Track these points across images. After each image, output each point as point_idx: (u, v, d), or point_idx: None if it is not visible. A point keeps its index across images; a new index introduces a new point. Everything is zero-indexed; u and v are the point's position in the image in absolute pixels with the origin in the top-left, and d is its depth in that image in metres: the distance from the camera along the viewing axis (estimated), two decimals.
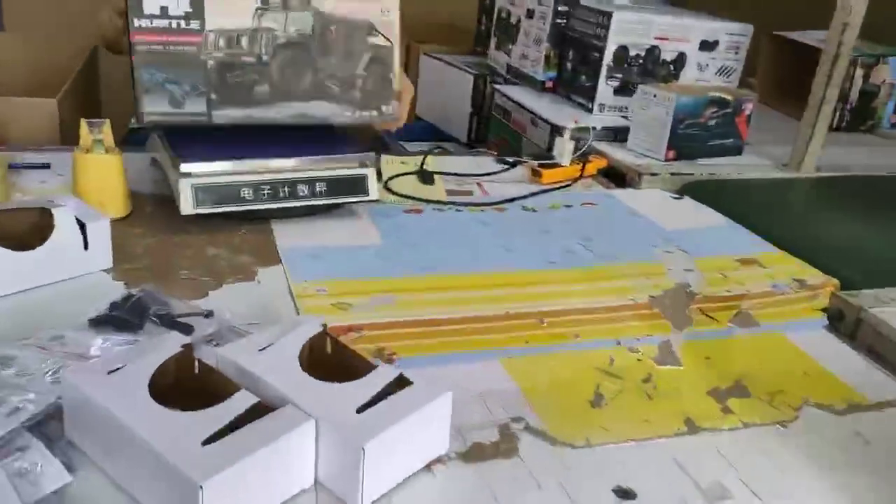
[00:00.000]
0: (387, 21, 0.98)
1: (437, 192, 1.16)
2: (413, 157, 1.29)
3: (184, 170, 0.91)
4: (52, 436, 0.56)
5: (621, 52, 1.46)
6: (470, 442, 0.61)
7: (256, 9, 0.92)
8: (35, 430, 0.56)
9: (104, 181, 0.93)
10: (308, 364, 0.60)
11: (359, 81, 0.97)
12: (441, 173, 1.22)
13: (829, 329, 0.87)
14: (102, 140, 0.95)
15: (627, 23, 1.44)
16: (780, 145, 1.44)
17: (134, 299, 0.74)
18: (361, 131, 1.25)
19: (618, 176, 1.32)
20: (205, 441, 0.49)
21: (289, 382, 0.56)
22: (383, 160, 1.19)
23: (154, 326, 0.71)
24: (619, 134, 1.43)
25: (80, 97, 1.50)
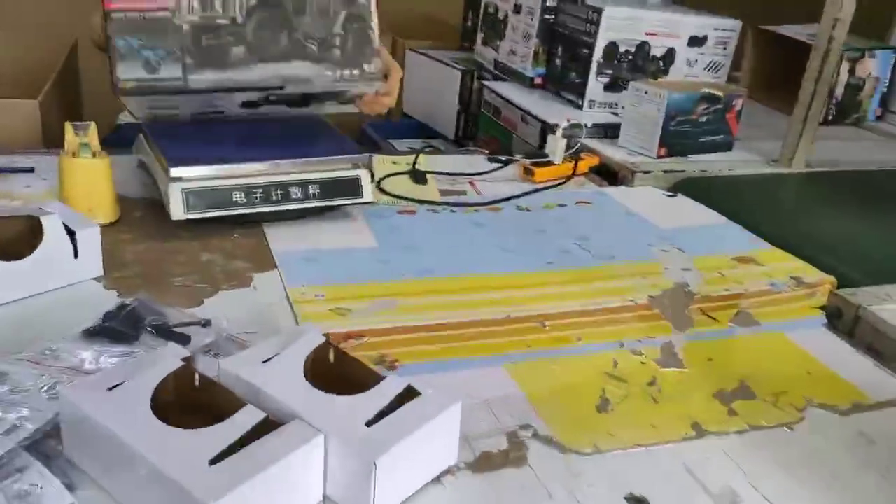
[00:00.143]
0: None
1: (430, 191, 1.15)
2: (404, 157, 1.28)
3: (174, 174, 0.89)
4: (50, 454, 0.54)
5: (611, 49, 1.45)
6: (478, 451, 0.60)
7: None
8: (32, 449, 0.54)
9: (92, 186, 0.91)
10: (311, 375, 0.59)
11: (337, 40, 0.95)
12: (434, 173, 1.21)
13: (828, 327, 0.87)
14: (89, 143, 0.92)
15: (617, 19, 1.43)
16: (768, 140, 1.44)
17: (128, 309, 0.72)
18: (348, 122, 1.24)
19: (609, 173, 1.31)
20: (212, 460, 0.48)
21: (295, 396, 0.55)
22: (375, 160, 1.18)
23: (150, 337, 0.70)
24: (609, 130, 1.42)
25: (60, 97, 1.47)
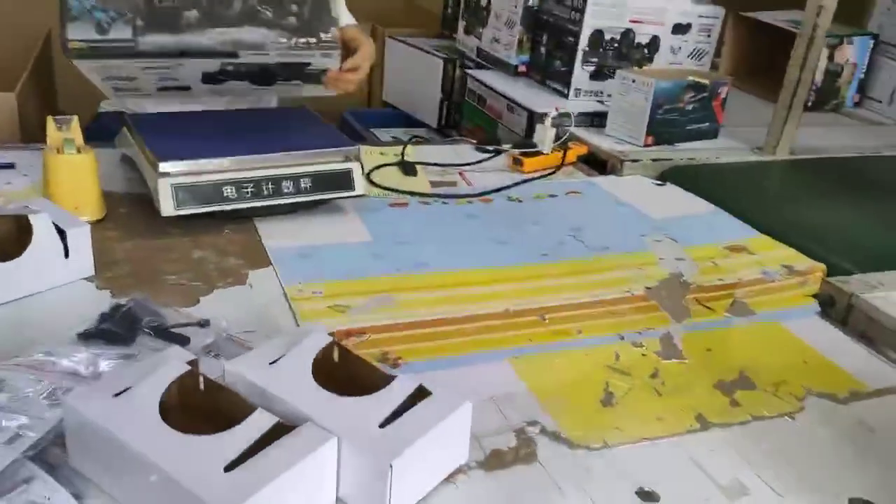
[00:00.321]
0: None
1: (421, 183, 1.14)
2: (392, 147, 1.26)
3: (162, 169, 0.87)
4: (54, 463, 0.53)
5: (596, 36, 1.45)
6: (488, 449, 0.60)
7: None
8: (36, 458, 0.53)
9: (78, 183, 0.88)
10: (317, 375, 0.58)
11: (293, 6, 0.92)
12: (423, 164, 1.20)
13: (822, 315, 0.88)
14: (73, 139, 0.90)
15: (602, 6, 1.43)
16: (751, 126, 1.45)
17: (124, 310, 0.70)
18: (328, 110, 1.21)
19: (597, 162, 1.31)
20: (227, 467, 0.47)
21: (305, 398, 0.54)
22: (362, 151, 1.16)
23: (148, 338, 0.68)
24: (595, 119, 1.42)
25: (36, 89, 1.43)
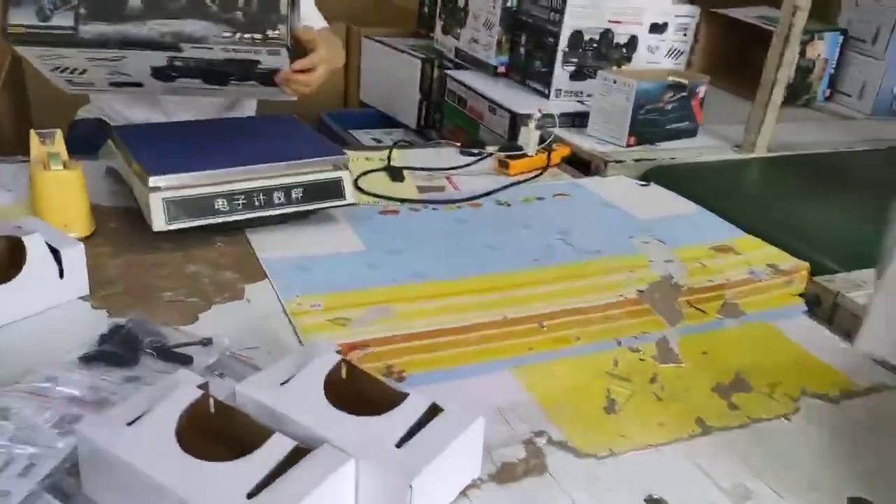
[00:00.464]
0: None
1: (408, 188, 1.14)
2: (376, 152, 1.26)
3: (153, 183, 0.87)
4: (69, 492, 0.53)
5: (576, 37, 1.46)
6: (499, 462, 0.61)
7: None
8: (51, 488, 0.52)
9: (67, 199, 0.87)
10: (327, 394, 0.58)
11: (240, 1, 0.91)
12: (410, 168, 1.20)
13: (809, 315, 0.91)
14: (58, 153, 0.89)
15: (581, 6, 1.44)
16: (728, 124, 1.48)
17: (124, 331, 0.70)
18: (304, 113, 1.18)
19: (580, 162, 1.33)
20: (249, 494, 0.47)
21: (320, 420, 0.54)
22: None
23: (150, 359, 0.68)
24: (576, 119, 1.44)
25: (10, 100, 1.40)
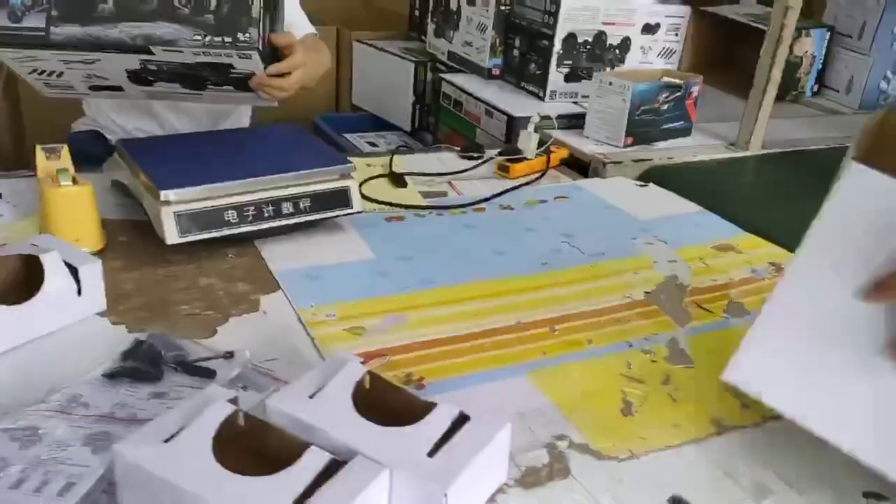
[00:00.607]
0: None
1: (412, 194, 1.15)
2: (378, 158, 1.27)
3: (164, 198, 0.87)
4: None
5: (570, 39, 1.47)
6: (523, 467, 0.62)
7: None
8: None
9: (78, 215, 0.87)
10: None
11: (212, 4, 0.91)
12: (412, 174, 1.21)
13: None
14: (67, 168, 0.89)
15: (576, 9, 1.45)
16: (719, 121, 1.50)
17: (145, 346, 0.70)
18: (298, 119, 1.17)
19: (577, 164, 1.34)
20: None
21: (351, 431, 0.55)
22: None
23: (173, 374, 0.69)
24: (572, 121, 1.45)
25: (6, 116, 1.40)
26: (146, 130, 1.32)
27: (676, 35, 1.59)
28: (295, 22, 1.25)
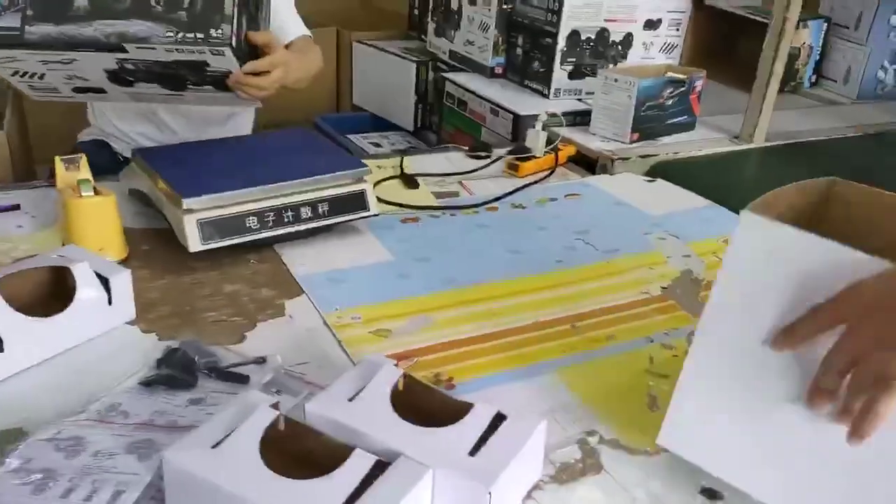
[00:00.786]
0: None
1: (424, 195, 1.16)
2: (388, 160, 1.28)
3: (187, 206, 0.88)
4: None
5: (574, 37, 1.49)
6: (557, 463, 0.64)
7: None
8: None
9: (102, 225, 0.88)
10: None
11: (185, 1, 0.92)
12: (423, 175, 1.22)
13: None
14: (88, 179, 0.90)
15: (578, 7, 1.46)
16: (721, 114, 1.52)
17: (179, 353, 0.72)
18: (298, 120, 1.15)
19: (585, 160, 1.36)
20: None
21: (393, 433, 0.57)
22: None
23: (207, 380, 0.70)
24: (577, 118, 1.47)
25: (17, 126, 1.40)
26: (147, 135, 1.32)
27: (678, 30, 1.61)
28: (288, 23, 1.24)
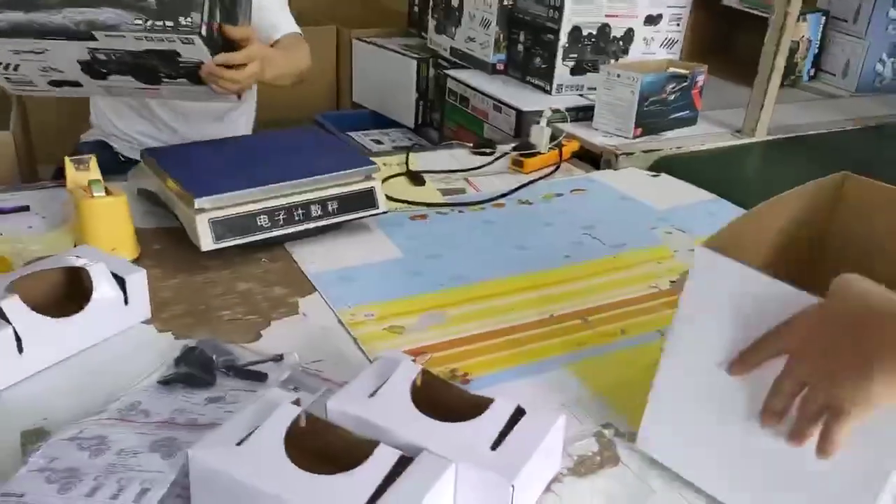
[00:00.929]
0: None
1: (430, 191, 1.17)
2: (393, 157, 1.29)
3: (199, 205, 0.88)
4: None
5: (575, 32, 1.49)
6: (575, 456, 0.65)
7: None
8: None
9: (114, 225, 0.89)
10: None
11: None
12: (429, 172, 1.22)
13: None
14: (99, 179, 0.90)
15: (580, 3, 1.47)
16: (721, 109, 1.53)
17: (197, 352, 0.72)
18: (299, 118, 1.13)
19: (588, 156, 1.36)
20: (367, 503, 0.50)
21: (414, 428, 0.57)
22: None
23: (226, 378, 0.70)
24: (579, 113, 1.47)
25: (21, 125, 1.40)
26: (147, 133, 1.32)
27: (678, 25, 1.61)
28: (279, 21, 1.23)
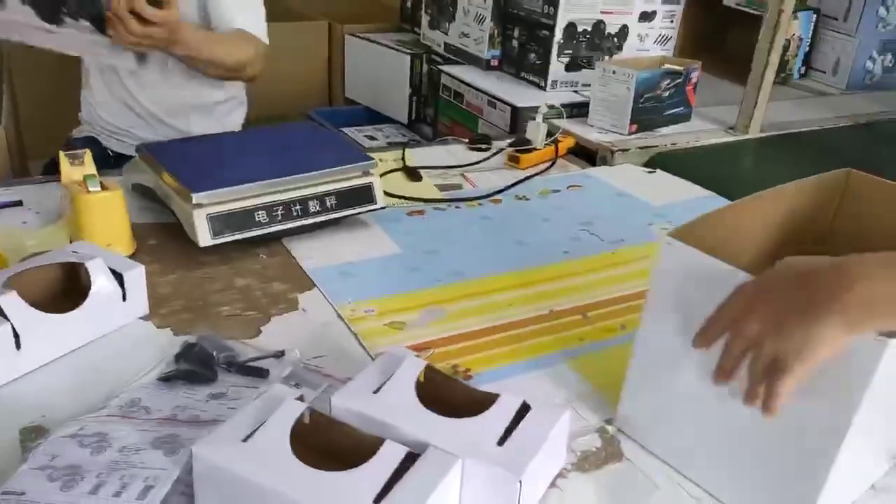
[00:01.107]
0: None
1: (427, 187, 1.17)
2: (390, 153, 1.28)
3: (196, 200, 0.88)
4: None
5: (570, 29, 1.49)
6: (578, 451, 0.65)
7: None
8: None
9: (111, 220, 0.88)
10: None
11: None
12: (426, 167, 1.22)
13: None
14: (94, 175, 0.89)
15: None
16: (715, 105, 1.53)
17: (197, 348, 0.71)
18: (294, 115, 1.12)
19: (583, 152, 1.36)
20: (375, 500, 0.50)
21: (420, 424, 0.57)
22: None
23: (227, 374, 0.70)
24: (574, 109, 1.47)
25: (13, 120, 1.38)
26: (135, 126, 1.31)
27: (672, 22, 1.62)
28: (233, 17, 1.20)
